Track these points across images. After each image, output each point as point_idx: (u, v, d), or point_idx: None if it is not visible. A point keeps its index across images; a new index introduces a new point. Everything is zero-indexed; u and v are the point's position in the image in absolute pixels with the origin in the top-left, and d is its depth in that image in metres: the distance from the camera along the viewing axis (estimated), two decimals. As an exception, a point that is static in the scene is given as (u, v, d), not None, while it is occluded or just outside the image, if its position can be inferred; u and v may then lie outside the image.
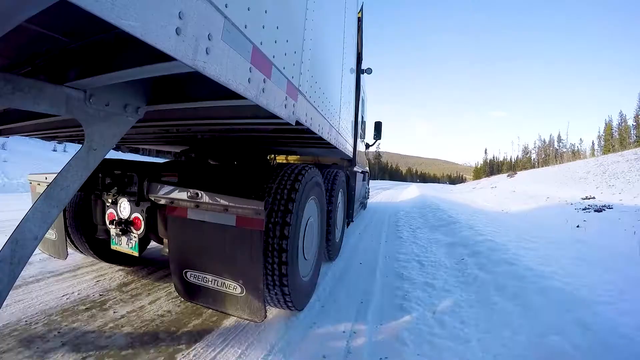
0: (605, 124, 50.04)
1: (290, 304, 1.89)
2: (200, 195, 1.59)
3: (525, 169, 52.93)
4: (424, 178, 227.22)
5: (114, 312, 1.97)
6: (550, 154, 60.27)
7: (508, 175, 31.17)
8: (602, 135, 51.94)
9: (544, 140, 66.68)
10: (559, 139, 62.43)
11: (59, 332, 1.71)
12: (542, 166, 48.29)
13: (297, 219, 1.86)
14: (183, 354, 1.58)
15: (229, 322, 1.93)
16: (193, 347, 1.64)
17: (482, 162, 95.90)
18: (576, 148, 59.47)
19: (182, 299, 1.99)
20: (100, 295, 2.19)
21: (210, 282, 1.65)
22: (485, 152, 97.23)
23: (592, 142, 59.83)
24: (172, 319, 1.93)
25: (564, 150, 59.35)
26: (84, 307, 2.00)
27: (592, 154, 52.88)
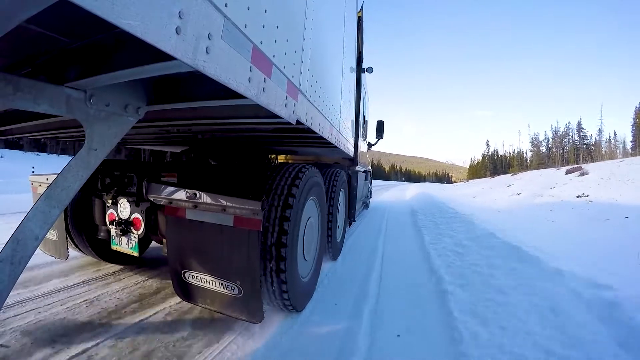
0: (637, 108, 41.63)
1: (289, 305, 1.87)
2: (198, 195, 1.59)
3: (542, 165, 44.40)
4: (409, 176, 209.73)
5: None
6: (569, 148, 51.84)
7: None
8: (637, 122, 42.97)
9: (556, 130, 55.99)
10: (579, 128, 51.97)
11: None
12: (563, 165, 38.31)
13: (295, 219, 1.85)
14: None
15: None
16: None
17: (480, 159, 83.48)
18: (593, 140, 51.23)
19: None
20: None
21: (208, 283, 1.65)
22: (487, 145, 79.15)
23: (614, 131, 51.59)
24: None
25: (586, 142, 50.46)
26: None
27: (610, 149, 46.79)
